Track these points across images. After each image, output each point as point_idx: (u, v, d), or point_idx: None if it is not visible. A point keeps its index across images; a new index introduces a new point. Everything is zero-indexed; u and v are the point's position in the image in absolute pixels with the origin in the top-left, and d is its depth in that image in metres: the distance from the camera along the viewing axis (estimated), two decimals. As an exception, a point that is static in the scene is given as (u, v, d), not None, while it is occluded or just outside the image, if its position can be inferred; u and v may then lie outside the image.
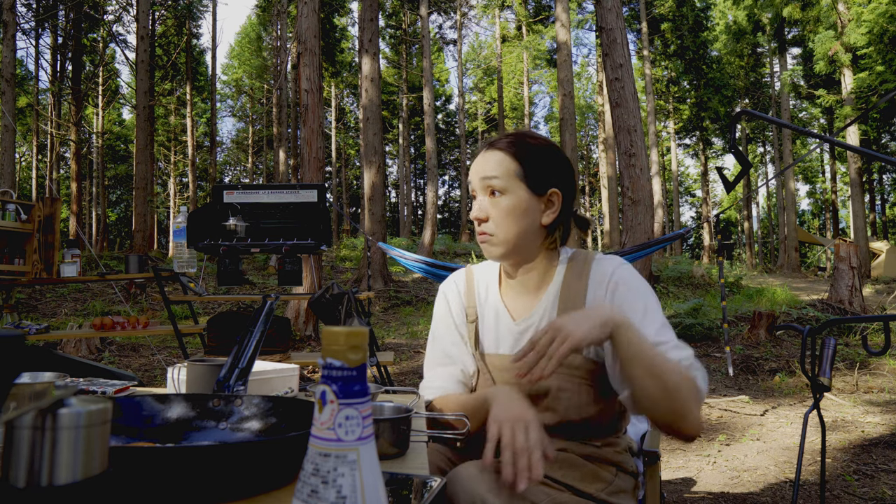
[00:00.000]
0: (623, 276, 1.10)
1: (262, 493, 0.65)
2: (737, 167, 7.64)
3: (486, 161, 1.12)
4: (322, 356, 0.42)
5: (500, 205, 1.10)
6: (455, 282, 1.28)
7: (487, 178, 1.11)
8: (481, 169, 1.12)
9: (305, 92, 7.36)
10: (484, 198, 1.12)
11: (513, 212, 1.09)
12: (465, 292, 1.25)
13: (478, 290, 1.23)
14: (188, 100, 23.62)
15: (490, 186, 1.11)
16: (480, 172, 1.12)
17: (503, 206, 1.10)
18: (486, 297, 1.21)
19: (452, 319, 1.23)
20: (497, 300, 1.19)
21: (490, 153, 1.13)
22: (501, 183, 1.10)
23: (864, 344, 1.97)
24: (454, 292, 1.26)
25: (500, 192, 1.10)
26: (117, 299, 9.18)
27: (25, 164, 27.52)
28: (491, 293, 1.21)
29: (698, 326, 7.26)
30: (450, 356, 1.21)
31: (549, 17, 23.11)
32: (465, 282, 1.26)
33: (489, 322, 1.19)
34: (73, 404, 0.43)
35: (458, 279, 1.28)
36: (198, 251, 1.34)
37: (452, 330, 1.23)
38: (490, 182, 1.10)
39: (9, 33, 10.45)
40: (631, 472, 1.12)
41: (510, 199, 1.09)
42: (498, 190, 1.10)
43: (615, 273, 1.10)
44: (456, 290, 1.26)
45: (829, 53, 16.61)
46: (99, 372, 2.10)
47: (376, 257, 10.64)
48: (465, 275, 1.28)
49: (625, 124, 6.06)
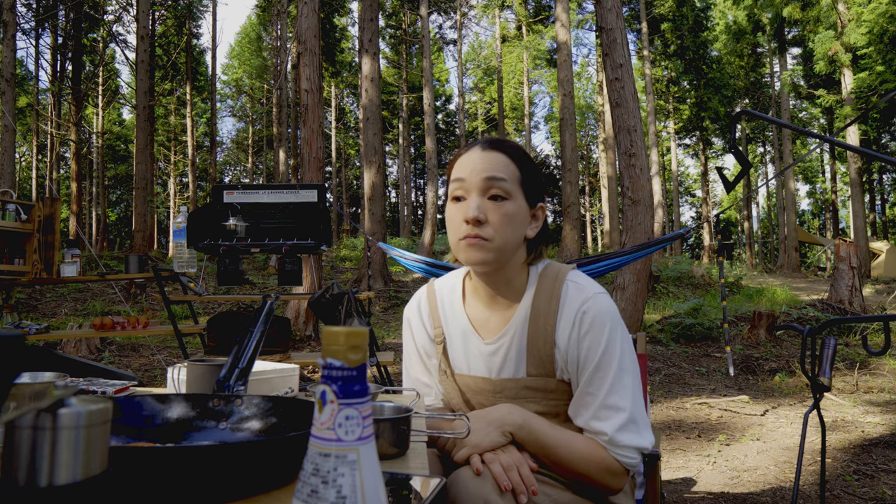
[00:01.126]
0: (595, 315, 1.04)
1: (262, 493, 0.65)
2: (737, 167, 7.64)
3: (490, 161, 1.05)
4: (322, 356, 0.42)
5: (503, 209, 1.03)
6: (418, 305, 1.23)
7: (495, 179, 1.03)
8: (486, 167, 1.04)
9: (305, 92, 7.36)
10: (481, 199, 1.04)
11: (513, 219, 1.04)
12: (429, 314, 1.21)
13: (442, 309, 1.19)
14: (188, 100, 23.62)
15: (496, 188, 1.03)
16: (485, 171, 1.04)
17: (505, 212, 1.03)
18: (452, 315, 1.17)
19: (416, 348, 1.21)
20: (463, 318, 1.15)
21: (494, 154, 1.06)
22: (509, 186, 1.04)
23: (864, 344, 1.97)
24: (417, 319, 1.22)
25: (504, 196, 1.03)
26: (117, 299, 9.18)
27: (25, 164, 27.52)
28: (456, 310, 1.17)
29: (698, 326, 7.27)
30: (424, 384, 1.21)
31: (549, 17, 23.10)
32: (429, 303, 1.22)
33: (457, 342, 1.15)
34: (73, 404, 0.43)
35: (422, 301, 1.23)
36: (198, 251, 1.34)
37: (419, 359, 1.21)
38: (498, 184, 1.03)
39: (9, 33, 10.45)
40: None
41: (513, 206, 1.04)
42: (503, 194, 1.03)
43: (587, 309, 1.04)
44: (419, 315, 1.22)
45: (829, 53, 16.61)
46: (99, 372, 2.10)
47: (376, 257, 10.64)
48: (428, 294, 1.23)
49: (625, 124, 6.06)
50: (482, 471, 0.92)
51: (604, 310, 1.04)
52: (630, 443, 0.99)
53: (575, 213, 13.75)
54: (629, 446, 0.99)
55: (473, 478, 0.91)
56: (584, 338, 1.03)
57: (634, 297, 5.91)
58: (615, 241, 19.06)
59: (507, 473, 0.92)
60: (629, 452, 1.00)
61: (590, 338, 1.03)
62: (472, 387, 1.13)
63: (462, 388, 1.14)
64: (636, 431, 1.00)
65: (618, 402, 1.00)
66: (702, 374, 5.70)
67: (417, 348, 1.21)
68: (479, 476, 0.91)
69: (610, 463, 0.99)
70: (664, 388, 5.19)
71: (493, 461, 0.94)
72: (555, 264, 1.14)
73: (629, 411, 1.00)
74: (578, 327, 1.04)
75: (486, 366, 1.11)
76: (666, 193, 27.56)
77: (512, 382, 1.08)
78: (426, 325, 1.21)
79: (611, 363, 1.01)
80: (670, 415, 4.32)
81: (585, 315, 1.04)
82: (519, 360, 1.08)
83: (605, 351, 1.02)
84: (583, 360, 1.03)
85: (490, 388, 1.10)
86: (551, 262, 1.14)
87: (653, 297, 10.78)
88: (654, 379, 5.51)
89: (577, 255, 13.21)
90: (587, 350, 1.02)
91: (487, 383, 1.10)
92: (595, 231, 35.60)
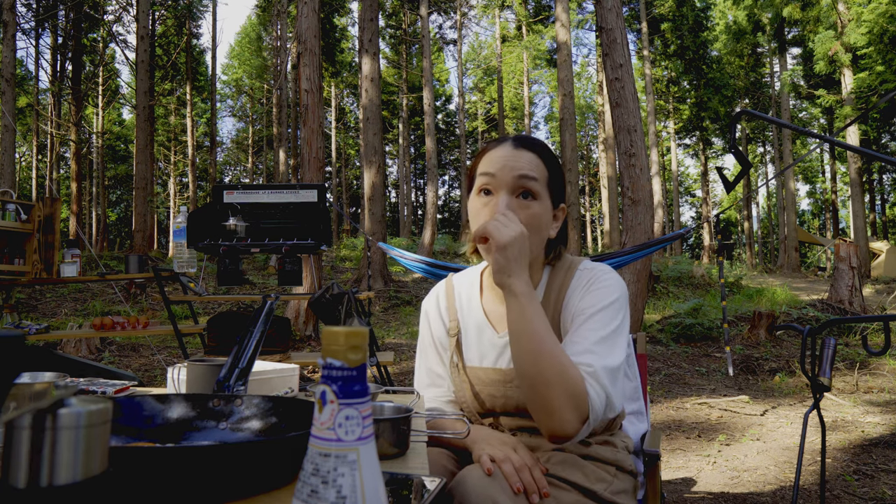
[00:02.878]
0: (602, 276, 1.07)
1: (262, 493, 0.65)
2: (737, 167, 7.64)
3: (520, 158, 1.04)
4: (322, 356, 0.42)
5: (531, 209, 1.03)
6: (436, 297, 1.25)
7: (526, 178, 1.03)
8: (517, 165, 1.03)
9: (305, 92, 7.36)
10: (510, 197, 1.03)
11: (540, 219, 1.04)
12: (447, 307, 1.22)
13: (459, 303, 1.21)
14: (188, 100, 23.62)
15: (526, 187, 1.03)
16: (516, 169, 1.03)
17: (534, 212, 1.03)
18: (469, 308, 1.19)
19: (433, 339, 1.22)
20: (479, 312, 1.17)
21: (523, 152, 1.06)
22: (538, 187, 1.03)
23: (864, 344, 1.97)
24: (434, 310, 1.24)
25: (534, 195, 1.03)
26: (117, 299, 9.18)
27: (25, 164, 27.52)
28: (473, 304, 1.18)
29: (698, 326, 7.27)
30: (438, 375, 1.22)
31: (549, 17, 23.11)
32: (446, 296, 1.24)
33: (472, 335, 1.16)
34: (73, 404, 0.43)
35: (440, 293, 1.25)
36: (198, 251, 1.34)
37: (434, 350, 1.22)
38: (528, 183, 1.03)
39: (9, 33, 10.45)
40: (629, 471, 1.11)
41: (541, 207, 1.04)
42: (533, 193, 1.03)
43: (595, 273, 1.08)
44: (436, 306, 1.24)
45: (829, 53, 16.61)
46: (99, 372, 2.10)
47: (376, 257, 10.64)
48: (446, 288, 1.25)
49: (625, 124, 6.06)
50: (493, 471, 0.92)
51: (611, 281, 1.07)
52: (607, 384, 0.93)
53: (575, 213, 13.76)
54: (605, 386, 0.93)
55: (482, 477, 0.90)
56: (586, 295, 1.04)
57: (634, 297, 5.91)
58: (615, 241, 19.06)
59: (520, 474, 0.92)
60: (600, 392, 0.92)
61: (592, 295, 1.04)
62: (482, 378, 1.13)
63: (472, 381, 1.15)
64: (612, 382, 0.95)
65: (610, 350, 0.97)
66: (702, 374, 5.70)
67: (434, 340, 1.22)
68: (487, 476, 0.91)
69: (574, 387, 0.89)
70: (664, 388, 5.19)
71: (504, 461, 0.94)
72: (568, 257, 1.16)
73: (619, 365, 0.97)
74: (584, 289, 1.06)
75: (498, 357, 1.12)
76: (666, 193, 27.57)
77: None
78: (444, 317, 1.22)
79: (607, 320, 1.00)
80: (670, 415, 4.32)
81: (592, 280, 1.06)
82: None
83: (606, 307, 1.02)
84: (581, 309, 1.03)
85: (501, 379, 1.11)
86: (565, 256, 1.16)
87: (653, 297, 10.78)
88: (654, 379, 5.51)
89: (577, 255, 13.22)
90: (588, 304, 1.03)
91: (499, 374, 1.11)
92: (595, 231, 35.61)
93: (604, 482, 1.04)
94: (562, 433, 0.91)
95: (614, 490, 1.05)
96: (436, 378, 1.22)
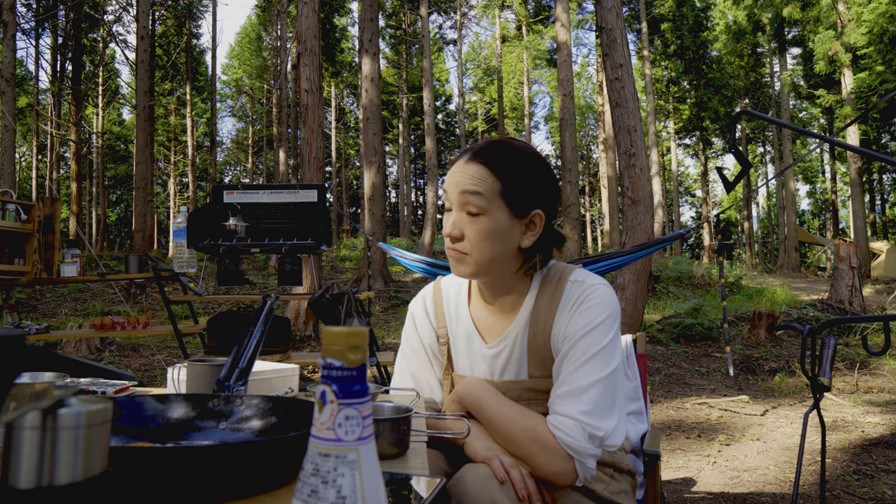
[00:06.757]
0: (591, 293, 1.04)
1: (262, 493, 0.65)
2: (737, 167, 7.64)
3: (464, 173, 1.02)
4: (322, 356, 0.42)
5: (477, 226, 1.01)
6: (424, 302, 1.23)
7: (468, 194, 1.01)
8: (460, 181, 1.02)
9: (305, 92, 7.36)
10: (460, 213, 1.03)
11: (490, 235, 1.01)
12: (435, 313, 1.21)
13: (447, 310, 1.19)
14: (188, 100, 23.63)
15: (469, 204, 1.01)
16: (459, 185, 1.02)
17: (480, 228, 1.01)
18: (457, 316, 1.17)
19: (421, 343, 1.21)
20: (468, 320, 1.15)
21: (471, 165, 1.03)
22: (481, 203, 1.00)
23: (864, 344, 1.97)
24: (422, 313, 1.22)
25: (478, 212, 1.01)
26: (117, 299, 9.18)
27: (25, 164, 27.52)
28: (461, 312, 1.16)
29: (698, 326, 7.27)
30: (415, 378, 1.21)
31: (549, 17, 23.10)
32: (434, 301, 1.22)
33: (461, 345, 1.15)
34: (73, 404, 0.43)
35: (427, 299, 1.23)
36: (198, 251, 1.34)
37: (421, 354, 1.21)
38: (469, 199, 1.01)
39: (9, 33, 10.45)
40: (627, 471, 1.11)
41: (488, 222, 1.01)
42: (477, 210, 1.01)
43: (584, 293, 1.05)
44: (423, 310, 1.22)
45: (829, 53, 16.61)
46: (99, 372, 2.10)
47: (376, 257, 10.64)
48: (434, 292, 1.23)
49: (625, 124, 6.05)
50: (505, 479, 0.93)
51: (600, 299, 1.04)
52: (564, 428, 0.95)
53: (575, 213, 13.75)
54: (591, 425, 0.95)
55: (480, 478, 0.91)
56: (575, 315, 1.03)
57: (634, 297, 5.91)
58: (615, 241, 19.06)
59: (526, 480, 0.94)
60: (572, 432, 0.94)
61: (581, 316, 1.03)
62: None
63: None
64: (603, 417, 0.96)
65: (580, 380, 0.97)
66: (702, 374, 5.70)
67: (422, 344, 1.21)
68: (487, 477, 0.92)
69: (541, 433, 0.95)
70: (664, 388, 5.19)
71: (512, 467, 0.95)
72: (559, 265, 1.13)
73: (590, 396, 0.96)
74: (574, 308, 1.04)
75: (488, 368, 1.11)
76: (666, 193, 27.56)
77: (514, 384, 1.09)
78: (432, 322, 1.21)
79: (589, 345, 1.00)
80: (670, 415, 4.32)
81: (582, 299, 1.05)
82: (521, 363, 1.09)
83: (588, 332, 1.00)
84: (569, 333, 1.02)
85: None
86: (556, 264, 1.13)
87: (653, 297, 10.78)
88: (654, 379, 5.52)
89: (577, 256, 13.21)
90: (576, 329, 1.02)
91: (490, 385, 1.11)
92: (595, 231, 35.61)
93: (602, 482, 1.05)
94: (548, 476, 0.96)
95: (613, 490, 1.05)
96: (412, 380, 1.21)
